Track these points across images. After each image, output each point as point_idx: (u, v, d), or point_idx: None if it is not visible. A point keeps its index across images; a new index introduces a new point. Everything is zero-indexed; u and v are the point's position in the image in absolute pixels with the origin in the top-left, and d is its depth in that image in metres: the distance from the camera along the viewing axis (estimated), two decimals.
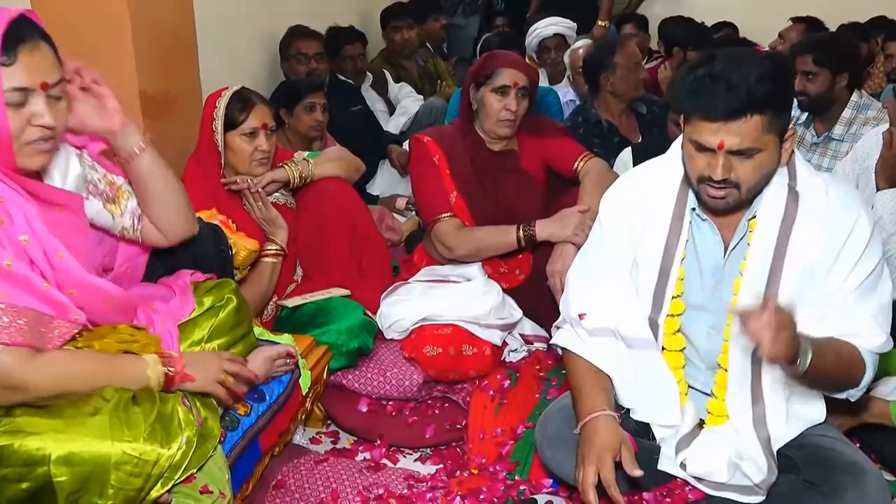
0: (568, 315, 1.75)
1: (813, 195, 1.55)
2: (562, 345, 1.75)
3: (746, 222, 1.59)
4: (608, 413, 1.57)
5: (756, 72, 1.44)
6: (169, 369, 1.45)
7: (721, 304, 1.63)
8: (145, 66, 2.36)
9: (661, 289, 1.62)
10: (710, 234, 1.63)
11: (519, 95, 2.38)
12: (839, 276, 1.53)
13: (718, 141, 1.45)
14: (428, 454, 2.06)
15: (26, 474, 1.26)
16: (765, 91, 1.43)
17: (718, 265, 1.63)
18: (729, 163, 1.47)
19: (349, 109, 3.61)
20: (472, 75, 2.46)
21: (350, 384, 2.19)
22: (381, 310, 2.32)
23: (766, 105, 1.44)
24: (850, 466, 1.50)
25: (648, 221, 1.65)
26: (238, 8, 3.25)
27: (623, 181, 1.78)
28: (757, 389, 1.56)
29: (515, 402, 2.13)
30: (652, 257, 1.63)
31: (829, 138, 3.00)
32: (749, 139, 1.45)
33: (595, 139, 3.08)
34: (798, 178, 1.57)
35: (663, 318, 1.63)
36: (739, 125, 1.44)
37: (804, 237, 1.53)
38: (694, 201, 1.62)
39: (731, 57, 1.48)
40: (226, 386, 1.55)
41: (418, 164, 2.47)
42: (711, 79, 1.45)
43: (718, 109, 1.44)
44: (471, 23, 5.37)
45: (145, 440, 1.32)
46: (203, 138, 2.22)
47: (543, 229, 2.29)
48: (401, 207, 3.49)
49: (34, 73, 1.27)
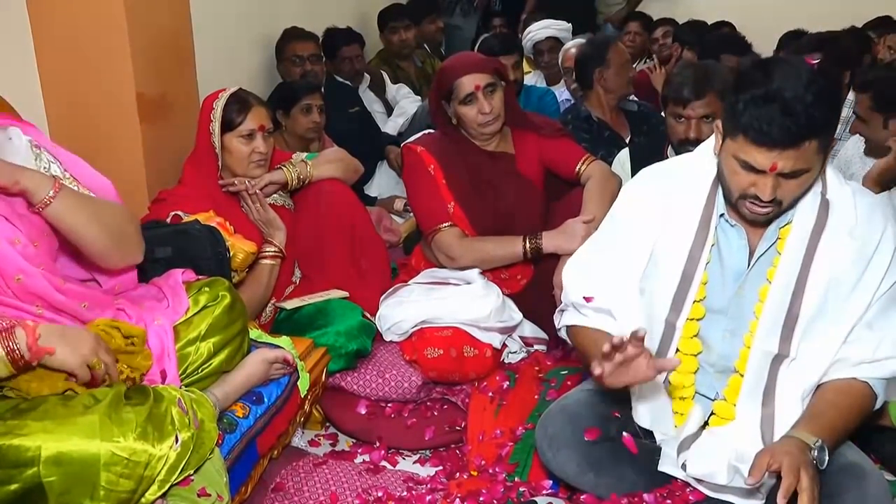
0: (568, 300, 1.73)
1: (842, 204, 1.54)
2: (568, 323, 1.72)
3: (777, 229, 1.58)
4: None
5: (810, 92, 1.38)
6: (12, 346, 1.30)
7: (740, 310, 1.61)
8: (142, 68, 2.36)
9: (683, 292, 1.60)
10: (737, 239, 1.61)
11: (488, 93, 2.34)
12: (868, 288, 1.51)
13: (771, 164, 1.42)
14: (427, 456, 2.05)
15: (16, 475, 1.25)
16: (822, 115, 1.40)
17: (742, 270, 1.61)
18: (777, 183, 1.45)
19: (347, 111, 3.61)
20: (435, 93, 2.43)
21: (349, 386, 2.19)
22: (380, 312, 2.32)
23: (823, 129, 1.41)
24: (851, 467, 1.50)
25: (673, 223, 1.62)
26: (235, 10, 3.24)
27: (647, 177, 1.73)
28: (769, 393, 1.56)
29: (515, 403, 2.12)
30: (675, 260, 1.61)
31: None
32: (802, 162, 1.43)
33: (584, 134, 3.08)
34: (829, 186, 1.56)
35: (682, 322, 1.61)
36: (796, 152, 1.41)
37: (832, 247, 1.52)
38: (723, 207, 1.60)
39: (784, 73, 1.43)
40: (92, 373, 1.39)
41: (413, 174, 2.44)
42: (767, 100, 1.40)
43: (775, 136, 1.39)
44: (468, 23, 5.38)
45: (135, 440, 1.31)
46: (200, 140, 2.21)
47: (550, 242, 2.27)
48: (399, 209, 3.49)
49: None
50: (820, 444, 1.42)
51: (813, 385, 1.54)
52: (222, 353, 1.70)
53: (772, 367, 1.56)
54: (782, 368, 1.55)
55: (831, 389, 1.53)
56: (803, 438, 1.44)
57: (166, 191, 2.21)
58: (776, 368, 1.55)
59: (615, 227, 1.71)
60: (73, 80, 2.33)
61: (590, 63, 3.22)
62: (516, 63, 3.48)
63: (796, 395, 1.54)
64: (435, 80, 2.48)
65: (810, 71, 1.46)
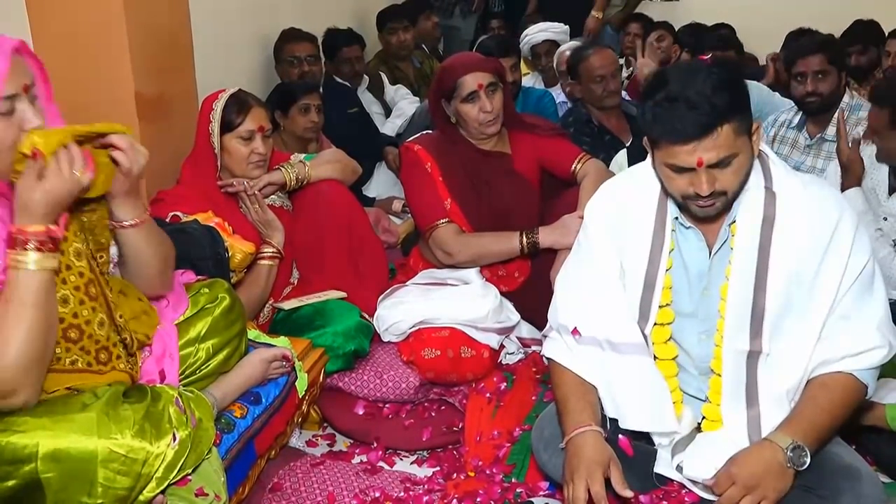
0: (556, 322, 1.75)
1: (790, 195, 1.55)
2: (549, 355, 1.75)
3: (728, 227, 1.59)
4: (594, 428, 1.56)
5: (709, 83, 1.44)
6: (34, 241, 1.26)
7: (709, 311, 1.63)
8: (141, 68, 2.36)
9: (647, 299, 1.63)
10: (696, 240, 1.63)
11: (490, 92, 2.36)
12: (831, 278, 1.52)
13: (696, 159, 1.46)
14: (424, 457, 2.06)
15: (13, 472, 1.26)
16: (725, 100, 1.44)
17: (704, 272, 1.63)
18: (712, 176, 1.48)
19: (345, 112, 3.62)
20: (436, 92, 2.44)
21: (346, 387, 2.19)
22: (378, 312, 2.32)
23: (730, 112, 1.45)
24: (847, 469, 1.50)
25: (631, 232, 1.65)
26: (234, 10, 3.25)
27: (604, 191, 1.77)
28: (752, 394, 1.56)
29: (512, 404, 2.12)
30: (637, 268, 1.63)
31: (823, 139, 3.01)
32: (724, 149, 1.46)
33: (585, 138, 3.11)
34: (773, 178, 1.57)
35: (650, 329, 1.63)
36: (713, 140, 1.45)
37: (786, 239, 1.53)
38: (676, 210, 1.62)
39: (682, 74, 1.49)
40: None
41: (411, 172, 2.46)
42: (670, 101, 1.46)
43: (688, 130, 1.44)
44: (467, 25, 5.37)
45: (133, 437, 1.31)
46: (199, 141, 2.22)
47: (546, 237, 2.29)
48: (397, 209, 3.49)
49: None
50: (793, 445, 1.44)
51: (797, 384, 1.54)
52: (221, 355, 1.71)
53: (749, 366, 1.56)
54: (760, 367, 1.55)
55: (813, 385, 1.53)
56: (778, 441, 1.46)
57: (165, 191, 2.21)
58: (753, 367, 1.56)
59: (589, 242, 1.72)
60: (72, 79, 2.31)
61: (570, 74, 3.31)
62: (514, 65, 3.50)
63: (780, 394, 1.54)
64: (435, 79, 2.50)
65: (704, 66, 1.53)
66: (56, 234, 1.28)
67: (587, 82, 3.23)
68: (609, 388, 1.65)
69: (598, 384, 1.67)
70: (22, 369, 1.24)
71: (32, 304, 1.25)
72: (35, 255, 1.26)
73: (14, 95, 1.26)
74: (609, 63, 3.23)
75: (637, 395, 1.63)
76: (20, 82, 1.27)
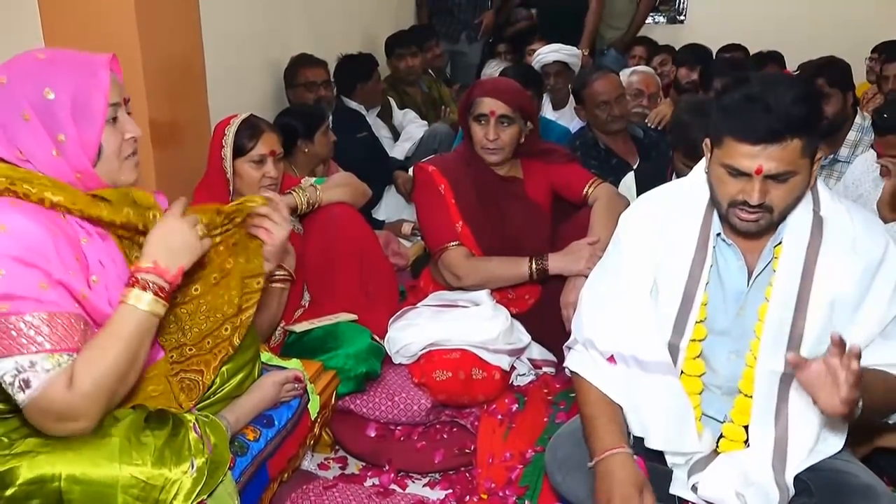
0: (581, 336, 1.74)
1: (838, 221, 1.54)
2: (574, 369, 1.74)
3: (772, 248, 1.58)
4: (626, 451, 1.56)
5: (790, 93, 1.42)
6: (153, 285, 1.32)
7: (743, 330, 1.61)
8: (155, 94, 2.39)
9: (685, 314, 1.61)
10: (734, 259, 1.62)
11: (500, 124, 2.37)
12: (877, 305, 1.51)
13: (757, 166, 1.44)
14: (437, 479, 2.05)
15: (35, 491, 1.27)
16: (802, 113, 1.42)
17: (742, 291, 1.62)
18: (766, 187, 1.46)
19: (355, 136, 3.64)
20: (462, 104, 2.48)
21: (358, 409, 2.19)
22: (389, 334, 2.32)
23: (803, 128, 1.43)
24: (865, 490, 1.49)
25: (672, 246, 1.63)
26: (245, 36, 3.29)
27: (645, 203, 1.75)
28: (782, 416, 1.55)
29: (524, 426, 2.12)
30: (675, 282, 1.61)
31: (835, 160, 3.02)
32: (786, 163, 1.44)
33: (593, 161, 3.13)
34: (822, 203, 1.57)
35: (685, 343, 1.61)
36: (779, 149, 1.42)
37: (831, 264, 1.52)
38: (719, 226, 1.61)
39: (764, 79, 1.47)
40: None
41: (424, 193, 2.47)
42: (748, 101, 1.43)
43: (759, 132, 1.42)
44: (473, 50, 5.42)
45: (153, 465, 1.33)
46: (211, 165, 2.24)
47: (555, 263, 2.29)
48: (406, 232, 3.51)
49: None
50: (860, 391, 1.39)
51: None
52: (235, 379, 1.71)
53: (781, 388, 1.55)
54: (792, 389, 1.54)
55: (875, 369, 1.51)
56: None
57: None
58: (786, 389, 1.54)
59: (621, 255, 1.71)
60: None
61: (576, 98, 3.34)
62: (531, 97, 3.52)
63: (811, 418, 1.53)
64: (465, 93, 2.53)
65: (788, 77, 1.51)
66: (176, 285, 1.36)
67: (591, 107, 3.25)
68: (635, 407, 1.64)
69: (623, 403, 1.66)
70: (93, 399, 1.25)
71: (126, 338, 1.28)
72: (150, 297, 1.31)
73: (117, 104, 1.36)
74: (612, 88, 3.24)
75: (662, 415, 1.61)
76: (120, 93, 1.38)
